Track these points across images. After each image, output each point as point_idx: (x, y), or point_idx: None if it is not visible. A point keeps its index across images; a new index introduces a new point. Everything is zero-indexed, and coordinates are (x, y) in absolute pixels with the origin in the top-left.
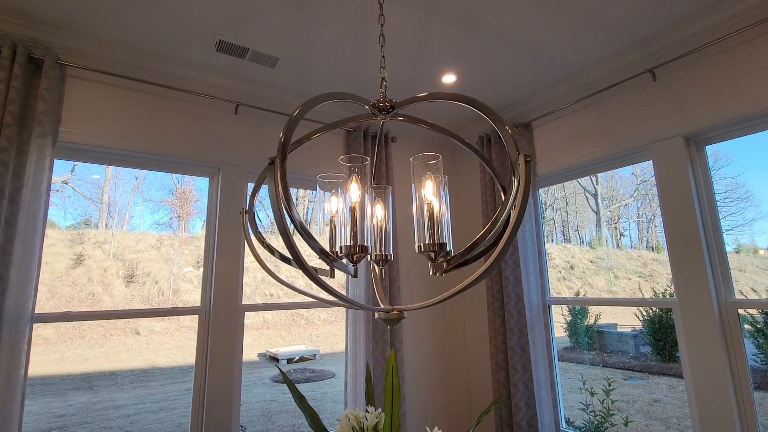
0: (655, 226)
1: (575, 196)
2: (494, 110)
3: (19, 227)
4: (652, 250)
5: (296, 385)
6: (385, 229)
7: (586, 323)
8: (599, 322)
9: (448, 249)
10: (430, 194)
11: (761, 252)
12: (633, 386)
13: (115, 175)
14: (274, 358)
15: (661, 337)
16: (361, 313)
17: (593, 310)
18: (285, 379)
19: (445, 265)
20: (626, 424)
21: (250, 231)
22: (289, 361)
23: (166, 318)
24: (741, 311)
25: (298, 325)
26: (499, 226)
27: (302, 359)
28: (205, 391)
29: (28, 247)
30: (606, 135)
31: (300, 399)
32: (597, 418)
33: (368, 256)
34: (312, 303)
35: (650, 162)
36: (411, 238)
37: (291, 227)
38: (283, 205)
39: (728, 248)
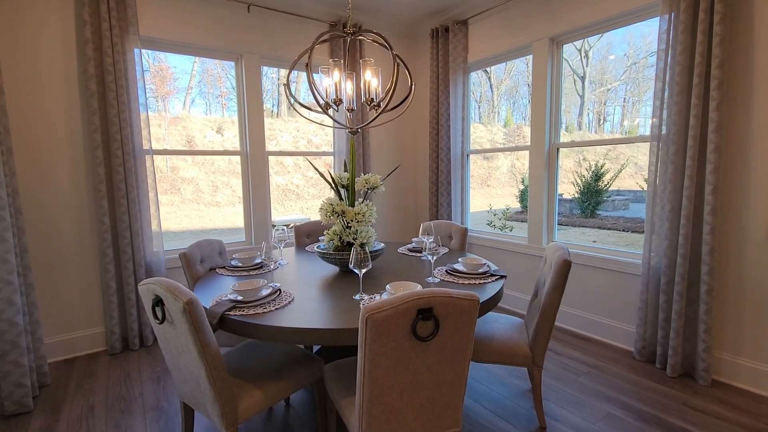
0: (638, 111)
1: (563, 79)
2: (391, 44)
3: (132, 94)
4: (626, 135)
5: None
6: (352, 96)
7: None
8: None
9: (375, 101)
10: (369, 77)
11: None
12: (558, 233)
13: None
14: (272, 225)
15: (587, 199)
16: (343, 145)
17: None
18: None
19: (375, 109)
20: (511, 231)
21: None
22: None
23: (169, 191)
24: (562, 150)
25: (289, 199)
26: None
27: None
28: (251, 204)
29: (137, 105)
30: (511, 34)
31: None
32: (496, 228)
33: (343, 106)
34: (312, 150)
35: (641, 41)
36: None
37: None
38: (312, 86)
39: None
